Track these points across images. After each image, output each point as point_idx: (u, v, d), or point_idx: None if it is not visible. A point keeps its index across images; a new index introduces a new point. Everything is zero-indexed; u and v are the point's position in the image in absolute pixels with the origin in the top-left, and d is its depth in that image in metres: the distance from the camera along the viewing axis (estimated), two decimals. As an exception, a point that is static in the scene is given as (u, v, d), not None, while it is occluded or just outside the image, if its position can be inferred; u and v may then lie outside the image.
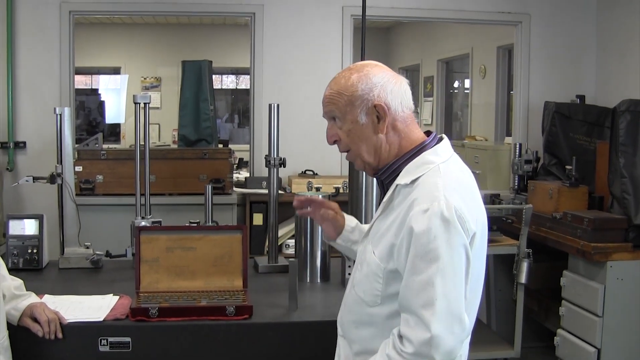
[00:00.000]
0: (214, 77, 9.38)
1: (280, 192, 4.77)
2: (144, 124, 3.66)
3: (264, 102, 5.31)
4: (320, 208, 2.31)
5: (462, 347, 1.80)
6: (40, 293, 2.74)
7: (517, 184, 5.37)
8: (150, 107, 3.72)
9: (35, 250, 3.32)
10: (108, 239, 3.89)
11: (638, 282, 4.16)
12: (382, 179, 1.99)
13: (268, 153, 3.48)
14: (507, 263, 4.69)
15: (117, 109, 10.76)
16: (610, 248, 4.14)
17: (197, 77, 6.61)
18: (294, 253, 3.47)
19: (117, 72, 10.87)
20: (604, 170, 4.52)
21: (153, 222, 3.55)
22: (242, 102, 11.45)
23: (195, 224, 3.41)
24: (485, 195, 5.30)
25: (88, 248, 3.47)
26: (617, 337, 4.15)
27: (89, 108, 11.27)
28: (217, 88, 10.79)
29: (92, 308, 2.67)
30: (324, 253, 3.28)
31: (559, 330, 4.48)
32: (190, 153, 5.36)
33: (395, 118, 1.91)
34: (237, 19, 8.75)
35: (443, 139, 1.96)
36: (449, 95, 9.91)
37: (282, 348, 2.57)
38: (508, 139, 6.89)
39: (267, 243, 4.23)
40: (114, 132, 10.80)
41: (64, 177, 3.49)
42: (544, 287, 4.94)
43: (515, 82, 6.00)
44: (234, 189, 5.31)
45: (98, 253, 3.43)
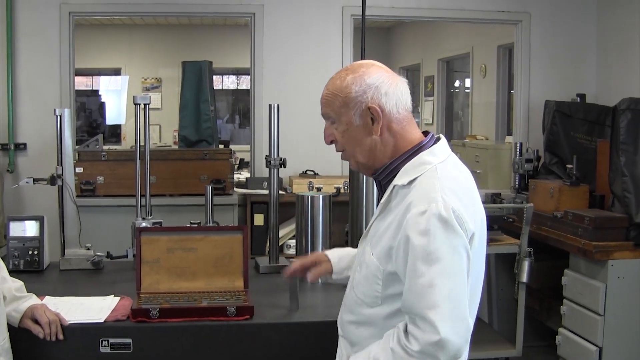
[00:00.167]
0: (215, 77, 9.39)
1: (281, 192, 4.77)
2: (145, 125, 3.66)
3: (265, 102, 5.31)
4: (308, 268, 2.27)
5: (466, 347, 1.79)
6: (41, 294, 2.73)
7: (518, 183, 5.37)
8: (151, 108, 3.72)
9: (36, 252, 3.32)
10: (109, 240, 3.89)
11: (639, 280, 4.16)
12: (379, 180, 1.98)
13: (268, 153, 3.48)
14: (508, 262, 4.69)
15: (117, 110, 10.76)
16: (612, 247, 4.14)
17: (197, 77, 6.61)
18: (295, 253, 3.47)
19: (117, 73, 10.87)
20: (605, 169, 4.52)
21: (154, 223, 3.55)
22: (242, 102, 11.45)
23: (196, 225, 3.41)
24: (486, 195, 5.30)
25: (89, 249, 3.47)
26: (618, 335, 4.14)
27: (90, 109, 11.27)
28: (217, 89, 10.79)
29: (93, 309, 2.67)
30: (325, 253, 3.27)
31: (561, 329, 4.48)
32: (191, 154, 5.35)
33: (391, 120, 1.90)
34: (237, 20, 8.75)
35: (440, 139, 1.96)
36: (450, 95, 9.90)
37: (283, 348, 2.57)
38: (509, 138, 6.89)
39: (268, 243, 4.23)
40: (115, 133, 10.79)
41: (65, 178, 3.49)
42: (545, 286, 4.94)
43: (516, 81, 5.99)
44: (235, 190, 5.30)
45: (99, 254, 3.43)
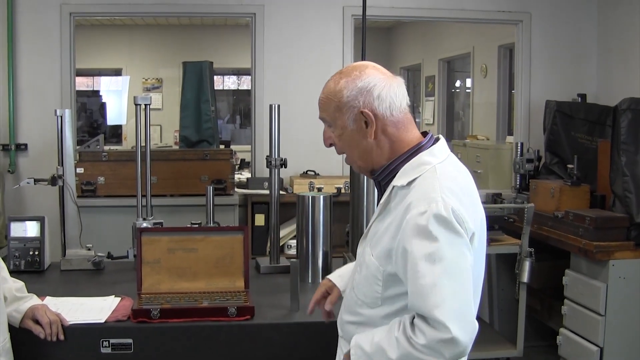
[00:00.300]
0: (216, 77, 9.39)
1: (282, 192, 4.77)
2: (145, 126, 3.66)
3: (265, 102, 5.32)
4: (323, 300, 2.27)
5: (470, 347, 1.79)
6: (42, 295, 2.74)
7: (518, 183, 5.37)
8: (152, 108, 3.72)
9: (37, 252, 3.32)
10: (109, 241, 3.89)
11: (640, 280, 4.16)
12: (378, 180, 1.98)
13: (269, 154, 3.48)
14: (509, 262, 4.69)
15: (118, 111, 10.76)
16: (613, 247, 4.13)
17: (198, 78, 6.61)
18: (296, 253, 3.47)
19: (118, 73, 10.86)
20: (606, 169, 4.52)
21: (154, 223, 3.55)
22: (243, 102, 11.45)
23: (197, 225, 3.41)
24: (487, 195, 5.30)
25: (89, 250, 3.48)
26: (619, 335, 4.14)
27: (91, 110, 11.27)
28: (218, 89, 10.78)
29: (93, 310, 2.67)
30: (326, 253, 3.28)
31: (562, 329, 4.48)
32: (192, 154, 5.35)
33: (385, 123, 1.90)
34: (238, 20, 8.74)
35: (440, 140, 1.95)
36: (451, 95, 9.90)
37: (283, 349, 2.57)
38: (509, 138, 6.89)
39: (268, 244, 4.23)
40: (116, 133, 10.79)
41: (65, 178, 3.49)
42: (546, 286, 4.94)
43: (517, 81, 5.99)
44: (236, 190, 5.30)
45: (99, 255, 3.43)
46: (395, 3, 5.69)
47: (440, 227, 1.74)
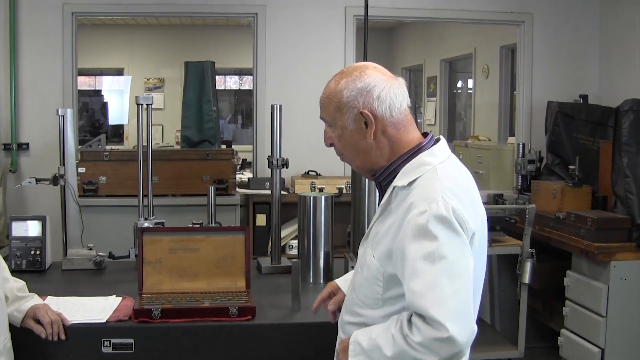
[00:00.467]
0: (217, 77, 9.39)
1: (283, 192, 4.77)
2: (147, 125, 3.66)
3: (267, 102, 5.32)
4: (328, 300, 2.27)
5: (468, 349, 1.79)
6: (43, 294, 2.74)
7: (520, 184, 5.37)
8: (153, 108, 3.72)
9: (38, 252, 3.32)
10: (111, 241, 3.89)
11: (642, 282, 4.16)
12: (379, 181, 1.98)
13: (271, 154, 3.48)
14: (510, 263, 4.69)
15: (120, 110, 10.77)
16: (614, 248, 4.13)
17: (200, 78, 6.61)
18: (297, 254, 3.47)
19: (120, 73, 10.88)
20: (607, 170, 4.52)
21: (156, 223, 3.55)
22: (245, 102, 11.45)
23: (198, 225, 3.41)
24: (489, 195, 5.30)
25: (91, 249, 3.48)
26: (620, 337, 4.14)
27: (92, 109, 11.28)
28: (220, 89, 10.80)
29: (95, 309, 2.67)
30: (327, 254, 3.28)
31: (563, 330, 4.48)
32: (193, 154, 5.36)
33: (385, 124, 1.89)
34: (239, 20, 8.75)
35: (440, 140, 1.95)
36: (452, 95, 9.90)
37: (284, 349, 2.57)
38: (511, 139, 6.88)
39: (270, 244, 4.23)
40: (117, 133, 10.80)
41: (67, 178, 3.49)
42: (548, 287, 4.93)
43: (518, 82, 5.99)
44: (237, 190, 5.31)
45: (101, 254, 3.43)
46: (397, 3, 5.68)
47: (441, 226, 1.74)
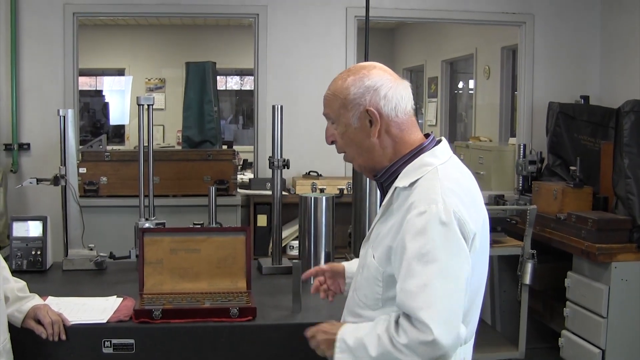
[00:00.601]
0: (219, 78, 9.39)
1: (284, 193, 4.78)
2: (148, 126, 3.66)
3: (268, 103, 5.32)
4: (328, 274, 2.29)
5: (454, 350, 1.78)
6: (44, 295, 2.74)
7: (521, 185, 5.36)
8: (155, 108, 3.72)
9: (39, 252, 3.32)
10: (112, 241, 3.89)
11: (643, 283, 4.15)
12: (381, 182, 1.98)
13: (272, 154, 3.48)
14: (511, 264, 4.69)
15: (121, 111, 10.77)
16: (615, 249, 4.13)
17: (201, 78, 6.61)
18: (298, 254, 3.47)
19: (121, 73, 10.88)
20: (609, 171, 4.52)
21: (157, 223, 3.55)
22: (246, 103, 11.45)
23: (199, 226, 3.41)
24: (490, 196, 5.30)
25: (92, 250, 3.48)
26: (621, 338, 4.14)
27: (93, 109, 11.28)
28: (221, 89, 10.80)
29: (95, 310, 2.67)
30: (328, 254, 3.28)
31: (564, 331, 4.47)
32: (194, 154, 5.36)
33: (389, 123, 1.90)
34: (241, 20, 8.75)
35: (442, 142, 1.95)
36: (453, 96, 9.89)
37: (285, 350, 2.57)
38: (512, 140, 6.87)
39: (271, 244, 4.22)
40: (119, 133, 10.81)
41: (68, 178, 3.49)
42: (549, 288, 4.93)
43: (520, 82, 5.98)
44: (238, 191, 5.31)
45: (102, 255, 3.43)
46: (398, 4, 5.68)
47: (438, 228, 1.74)
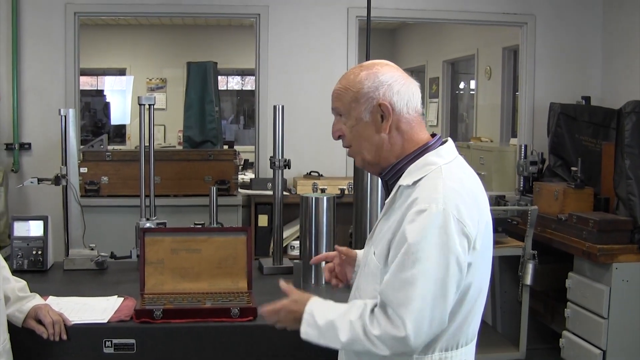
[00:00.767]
0: (220, 78, 9.39)
1: (285, 193, 4.78)
2: (149, 126, 3.66)
3: (269, 103, 5.32)
4: (338, 260, 2.28)
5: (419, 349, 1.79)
6: (45, 294, 2.74)
7: (522, 186, 5.36)
8: (156, 108, 3.72)
9: (40, 252, 3.32)
10: (113, 241, 3.89)
11: (644, 284, 4.15)
12: (385, 180, 1.98)
13: (273, 154, 3.48)
14: (512, 264, 4.69)
15: (122, 110, 10.78)
16: (616, 250, 4.13)
17: (202, 78, 6.61)
18: (299, 255, 3.46)
19: (122, 73, 10.89)
20: (610, 172, 4.51)
21: (158, 223, 3.55)
22: (247, 103, 11.46)
23: (200, 226, 3.41)
24: (491, 197, 5.29)
25: (93, 249, 3.48)
26: (622, 339, 4.14)
27: (94, 109, 11.28)
28: (222, 89, 10.79)
29: (96, 310, 2.67)
30: (329, 255, 3.27)
31: (564, 332, 4.47)
32: (196, 154, 5.36)
33: (400, 119, 1.90)
34: (242, 20, 8.76)
35: (447, 142, 1.96)
36: (455, 97, 9.89)
37: (286, 350, 2.57)
38: (513, 140, 6.88)
39: (272, 245, 4.22)
40: (120, 133, 10.81)
41: (69, 178, 3.49)
42: (550, 288, 4.93)
43: (521, 83, 5.99)
44: (239, 191, 5.31)
45: (103, 254, 3.43)
46: (400, 4, 5.68)
47: (435, 228, 1.74)
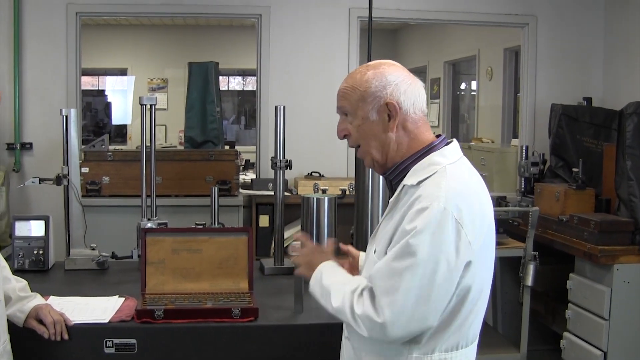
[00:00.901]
0: (221, 78, 9.39)
1: (287, 194, 4.78)
2: (151, 126, 3.66)
3: (271, 103, 5.31)
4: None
5: (402, 339, 1.81)
6: (46, 294, 2.74)
7: (523, 187, 5.36)
8: (157, 108, 3.72)
9: (41, 252, 3.33)
10: (114, 241, 3.89)
11: (645, 285, 4.15)
12: (390, 179, 1.99)
13: (274, 155, 3.48)
14: (513, 265, 4.68)
15: (123, 110, 10.79)
16: (617, 251, 4.12)
17: (203, 78, 6.61)
18: (300, 255, 3.46)
19: (123, 73, 10.89)
20: (611, 173, 4.51)
21: (159, 223, 3.55)
22: (248, 103, 11.46)
23: (201, 226, 3.41)
24: (492, 198, 5.23)
25: (94, 249, 3.48)
26: (623, 340, 4.13)
27: (96, 109, 11.29)
28: (223, 89, 10.81)
29: (97, 309, 2.67)
30: (330, 255, 3.27)
31: (565, 333, 4.47)
32: (197, 155, 5.36)
33: (406, 119, 1.91)
34: (243, 21, 8.76)
35: (452, 142, 1.96)
36: (456, 97, 9.90)
37: (287, 350, 2.57)
38: (515, 141, 6.88)
39: (273, 245, 4.23)
40: (121, 133, 10.81)
41: (70, 178, 3.49)
42: (550, 289, 4.93)
43: (522, 84, 5.99)
44: (240, 191, 5.30)
45: (104, 254, 3.43)
46: (401, 5, 5.68)
47: (432, 225, 1.75)
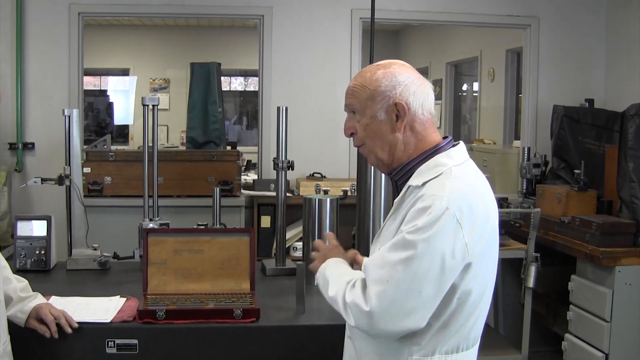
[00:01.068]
0: (223, 78, 9.40)
1: (288, 194, 4.78)
2: (153, 126, 3.67)
3: (273, 104, 5.32)
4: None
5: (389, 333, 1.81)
6: (48, 294, 2.74)
7: (525, 188, 5.35)
8: (159, 108, 3.72)
9: (43, 252, 3.33)
10: (116, 241, 3.89)
11: (647, 287, 4.14)
12: (395, 180, 1.99)
13: (276, 156, 3.48)
14: (515, 267, 4.68)
15: (125, 111, 10.80)
16: (619, 253, 4.12)
17: (205, 79, 6.61)
18: (302, 256, 3.46)
19: (125, 73, 10.90)
20: (613, 175, 4.51)
21: (161, 224, 3.55)
22: (250, 104, 11.47)
23: (203, 227, 3.41)
24: (493, 199, 5.28)
25: (96, 250, 3.48)
26: (624, 342, 4.13)
27: (98, 109, 11.30)
28: (225, 90, 10.81)
29: (99, 310, 2.67)
30: (332, 256, 3.27)
31: (567, 335, 4.47)
32: (199, 155, 5.35)
33: (414, 119, 1.92)
34: (246, 21, 8.77)
35: (459, 144, 1.97)
36: (458, 99, 9.89)
37: (289, 351, 2.57)
38: (516, 143, 6.88)
39: (274, 246, 4.22)
40: (123, 133, 10.82)
41: (72, 178, 3.50)
42: (552, 291, 4.93)
43: (524, 85, 5.98)
44: (242, 192, 5.30)
45: (106, 255, 3.43)
46: (404, 6, 5.69)
47: (433, 224, 1.75)
